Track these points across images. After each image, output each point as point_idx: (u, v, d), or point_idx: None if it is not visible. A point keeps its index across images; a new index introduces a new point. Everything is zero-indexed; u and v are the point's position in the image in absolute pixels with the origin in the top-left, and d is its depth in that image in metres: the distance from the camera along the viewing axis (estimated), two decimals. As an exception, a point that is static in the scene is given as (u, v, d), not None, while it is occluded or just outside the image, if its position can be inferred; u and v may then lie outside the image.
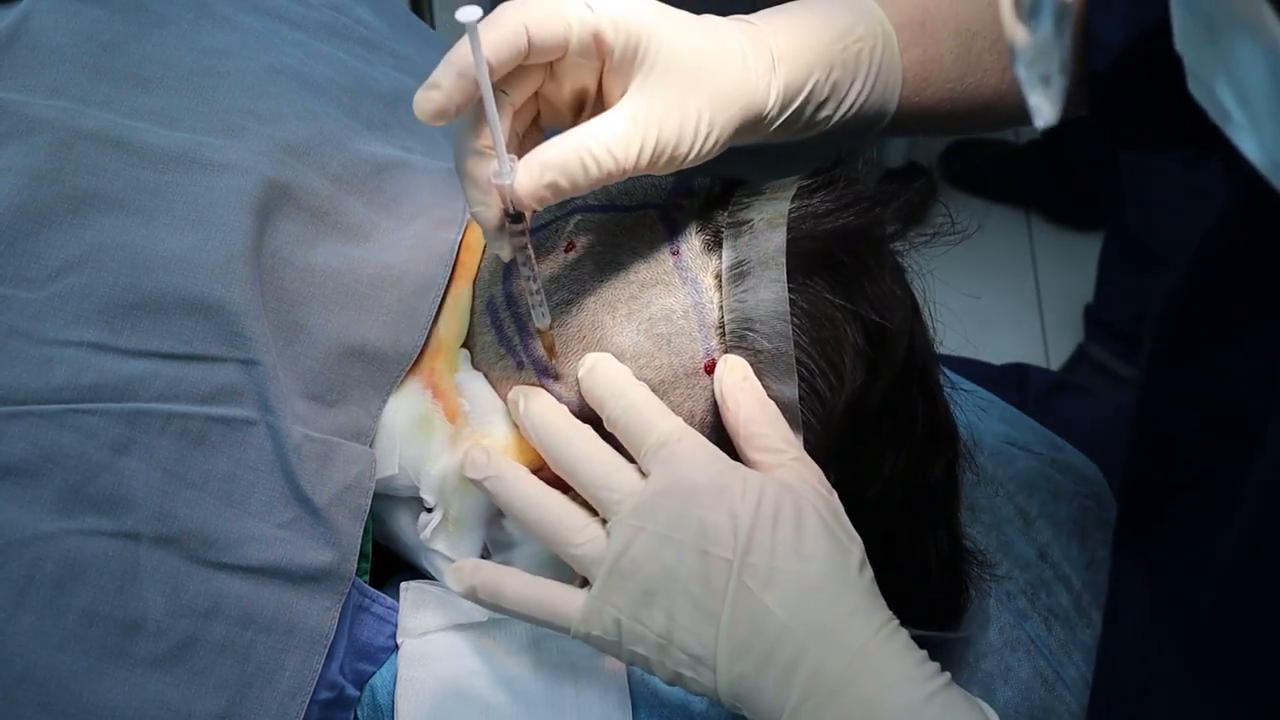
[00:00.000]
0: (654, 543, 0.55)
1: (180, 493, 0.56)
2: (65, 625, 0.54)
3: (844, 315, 0.59)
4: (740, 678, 0.54)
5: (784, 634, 0.53)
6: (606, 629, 0.56)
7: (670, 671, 0.55)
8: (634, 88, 0.55)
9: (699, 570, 0.54)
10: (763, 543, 0.54)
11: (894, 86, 0.65)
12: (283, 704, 0.57)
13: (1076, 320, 1.98)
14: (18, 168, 0.59)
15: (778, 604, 0.54)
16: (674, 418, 0.58)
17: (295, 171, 0.63)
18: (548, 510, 0.58)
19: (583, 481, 0.57)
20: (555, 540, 0.57)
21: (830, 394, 0.59)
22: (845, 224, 0.59)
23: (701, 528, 0.55)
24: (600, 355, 0.59)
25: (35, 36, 0.64)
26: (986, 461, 0.79)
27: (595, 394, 0.59)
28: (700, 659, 0.54)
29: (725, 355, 0.59)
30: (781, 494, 0.55)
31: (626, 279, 0.60)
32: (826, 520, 0.56)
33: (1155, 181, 1.75)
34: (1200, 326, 0.61)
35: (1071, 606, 0.78)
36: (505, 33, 0.53)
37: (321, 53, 0.72)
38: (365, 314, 0.62)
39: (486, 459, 0.59)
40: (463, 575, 0.59)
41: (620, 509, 0.56)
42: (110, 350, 0.57)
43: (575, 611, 0.56)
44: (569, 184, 0.54)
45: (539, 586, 0.58)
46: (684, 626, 0.54)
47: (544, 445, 0.59)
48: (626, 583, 0.55)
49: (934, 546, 0.66)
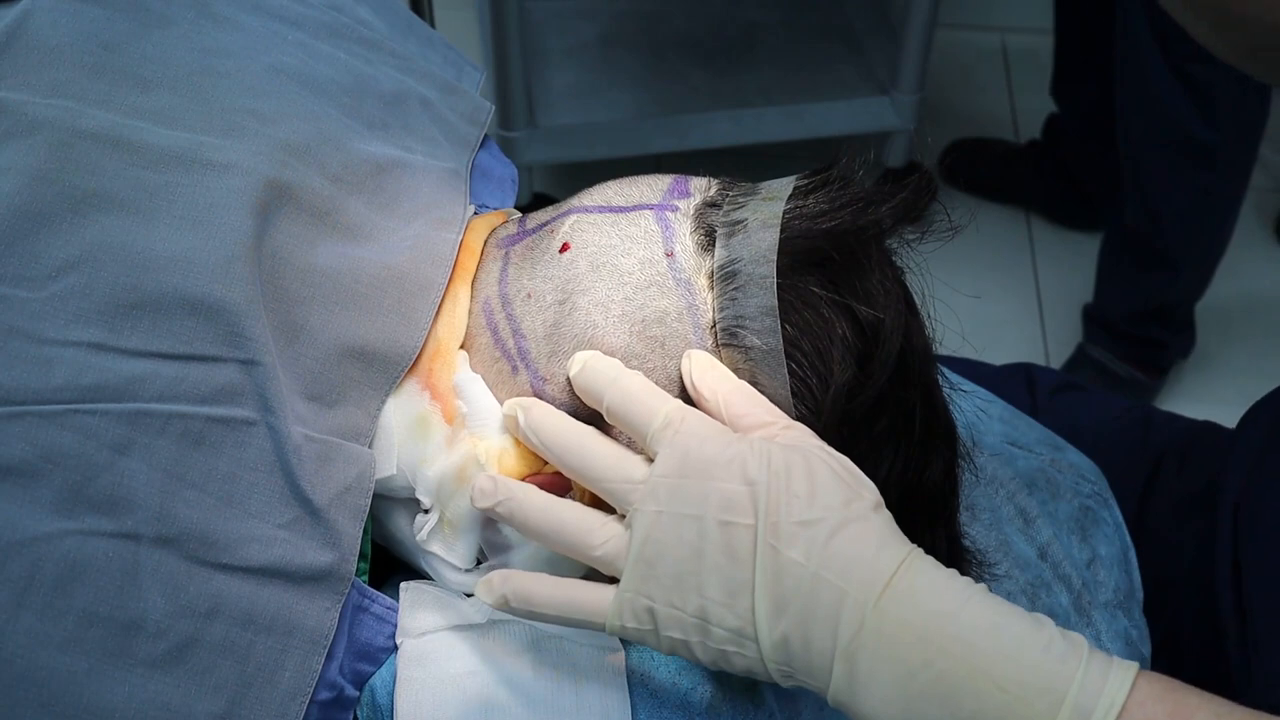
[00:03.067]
0: (674, 523, 0.55)
1: (180, 493, 0.56)
2: (65, 626, 0.54)
3: (832, 309, 0.59)
4: (783, 639, 0.54)
5: (816, 583, 0.53)
6: (640, 619, 0.56)
7: (713, 651, 0.55)
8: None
9: (723, 542, 0.54)
10: (779, 501, 0.54)
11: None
12: (283, 704, 0.57)
13: (1076, 320, 1.98)
14: (17, 167, 0.59)
15: (805, 556, 0.54)
16: (673, 399, 0.58)
17: (296, 171, 0.63)
18: (563, 520, 0.58)
19: (595, 477, 0.58)
20: (577, 547, 0.57)
21: (819, 386, 0.59)
22: (840, 223, 0.59)
23: (719, 500, 0.55)
24: (589, 352, 0.60)
25: (35, 36, 0.64)
26: (986, 461, 0.79)
27: (591, 388, 0.59)
28: (739, 630, 0.54)
29: (689, 351, 0.59)
30: (789, 453, 0.56)
31: (621, 280, 0.60)
32: (835, 469, 0.56)
33: (1156, 181, 1.75)
34: None
35: (1071, 606, 0.78)
36: None
37: (322, 53, 0.72)
38: (365, 315, 0.62)
39: (494, 486, 0.59)
40: (493, 587, 0.59)
41: (634, 498, 0.56)
42: (110, 350, 0.57)
43: (607, 606, 0.56)
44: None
45: (568, 588, 0.58)
46: (718, 601, 0.54)
47: (551, 451, 0.59)
48: (654, 569, 0.55)
49: (933, 546, 0.66)
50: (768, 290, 0.58)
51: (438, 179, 0.69)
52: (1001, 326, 1.98)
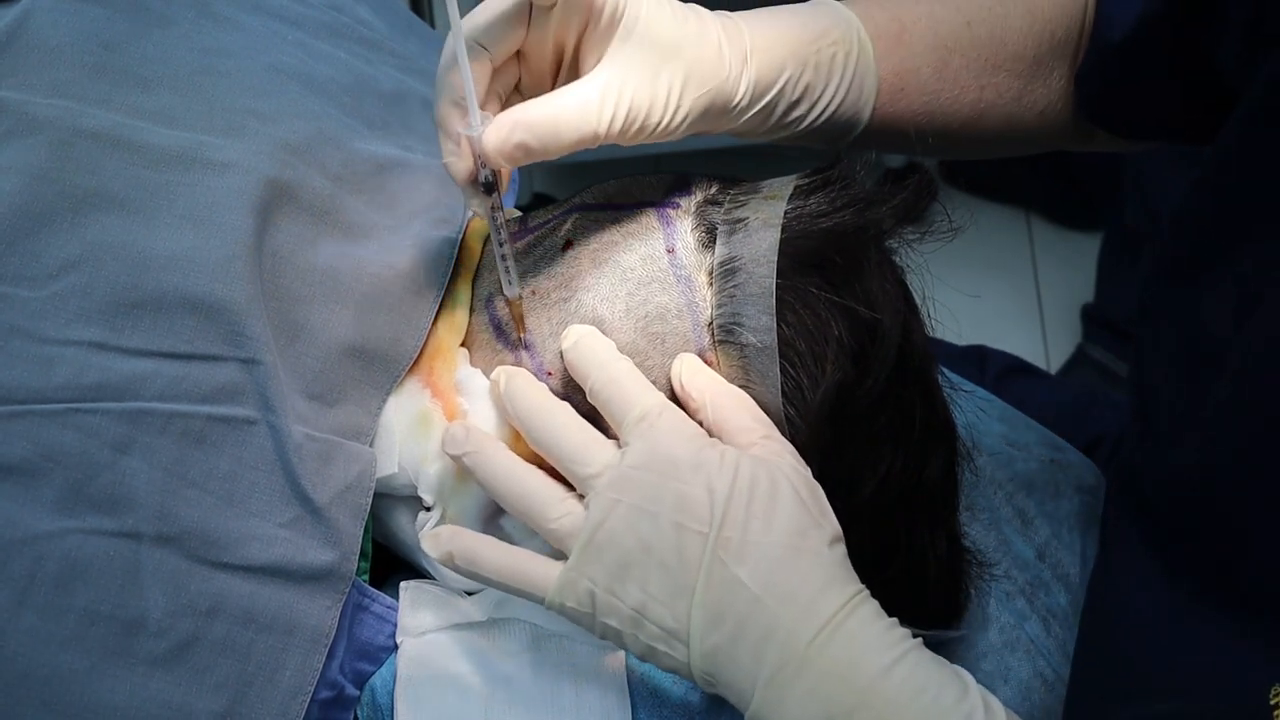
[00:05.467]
0: (630, 515, 0.55)
1: (181, 492, 0.56)
2: (67, 624, 0.54)
3: (830, 309, 0.59)
4: (713, 650, 0.54)
5: (756, 606, 0.54)
6: (581, 601, 0.56)
7: (643, 645, 0.56)
8: (609, 55, 0.57)
9: (674, 543, 0.55)
10: (737, 516, 0.55)
11: (868, 94, 0.66)
12: (283, 703, 0.57)
13: (1076, 320, 1.98)
14: (18, 167, 0.59)
15: (750, 577, 0.54)
16: (657, 393, 0.58)
17: (296, 171, 0.63)
18: (526, 485, 0.58)
19: (559, 455, 0.58)
20: (533, 514, 0.58)
21: (810, 386, 0.59)
22: (840, 224, 0.59)
23: (678, 501, 0.55)
24: (585, 328, 0.60)
25: (36, 35, 0.64)
26: (985, 462, 0.79)
27: (579, 366, 0.59)
28: (673, 632, 0.55)
29: (681, 355, 0.60)
30: (758, 468, 0.56)
31: (622, 277, 0.60)
32: (801, 494, 0.56)
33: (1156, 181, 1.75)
34: (1180, 271, 0.63)
35: (1070, 606, 0.78)
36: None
37: (322, 52, 0.72)
38: (366, 313, 0.62)
39: (465, 434, 0.59)
40: (440, 541, 0.59)
41: (597, 483, 0.56)
42: (111, 349, 0.57)
43: (550, 583, 0.56)
44: (539, 145, 0.56)
45: (517, 556, 0.58)
46: (658, 599, 0.55)
47: (521, 420, 0.59)
48: (602, 555, 0.55)
49: (932, 546, 0.66)
50: (766, 289, 0.58)
51: (438, 178, 0.69)
52: (1001, 326, 1.98)
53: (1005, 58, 0.70)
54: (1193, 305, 0.61)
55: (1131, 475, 0.69)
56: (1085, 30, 0.71)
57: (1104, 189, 1.99)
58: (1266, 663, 0.53)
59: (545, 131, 0.55)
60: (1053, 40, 0.71)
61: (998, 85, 0.70)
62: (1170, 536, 0.62)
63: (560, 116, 0.55)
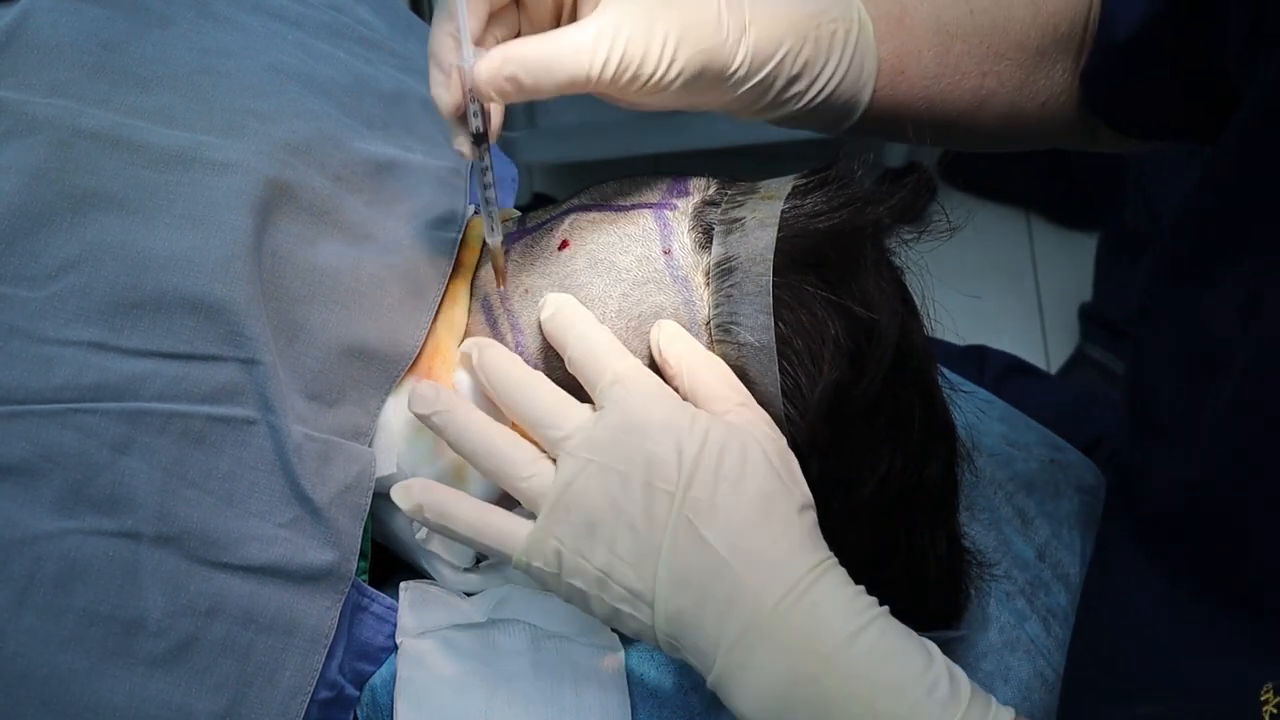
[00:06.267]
0: (600, 475, 0.55)
1: (181, 492, 0.56)
2: (66, 625, 0.54)
3: (827, 308, 0.59)
4: (678, 612, 0.54)
5: (721, 569, 0.54)
6: (547, 560, 0.56)
7: (608, 607, 0.55)
8: (606, 2, 0.56)
9: (643, 503, 0.54)
10: (706, 477, 0.54)
11: (868, 75, 0.66)
12: (283, 703, 0.57)
13: (1076, 320, 1.98)
14: (17, 166, 0.59)
15: (717, 539, 0.54)
16: (632, 358, 0.58)
17: (296, 171, 0.63)
18: (496, 444, 0.58)
19: (532, 419, 0.58)
20: (503, 474, 0.57)
21: (808, 385, 0.59)
22: (838, 223, 0.59)
23: (647, 461, 0.55)
24: (564, 296, 0.60)
25: (35, 35, 0.64)
26: (985, 462, 0.79)
27: (558, 335, 0.59)
28: (639, 594, 0.54)
29: (660, 321, 0.60)
30: (730, 433, 0.56)
31: (619, 277, 0.60)
32: (772, 460, 0.56)
33: (1156, 181, 1.75)
34: (1181, 272, 0.63)
35: (1070, 606, 0.78)
36: None
37: (322, 52, 0.72)
38: (365, 314, 0.62)
39: (435, 394, 0.59)
40: (411, 493, 0.58)
41: (568, 444, 0.56)
42: (110, 350, 0.57)
43: (520, 541, 0.56)
44: (530, 80, 0.55)
45: (488, 512, 0.58)
46: (624, 560, 0.54)
47: (494, 387, 0.59)
48: (570, 515, 0.55)
49: (932, 546, 0.66)
50: (763, 288, 0.58)
51: (437, 178, 0.69)
52: (1001, 326, 1.98)
53: (1008, 46, 0.70)
54: (1193, 306, 0.61)
55: (1129, 475, 0.69)
56: (1090, 27, 0.71)
57: (1104, 189, 1.99)
58: (1262, 663, 0.53)
59: (538, 67, 0.55)
60: (1056, 33, 0.71)
61: (999, 74, 0.70)
62: (1169, 537, 0.62)
63: (553, 54, 0.55)
